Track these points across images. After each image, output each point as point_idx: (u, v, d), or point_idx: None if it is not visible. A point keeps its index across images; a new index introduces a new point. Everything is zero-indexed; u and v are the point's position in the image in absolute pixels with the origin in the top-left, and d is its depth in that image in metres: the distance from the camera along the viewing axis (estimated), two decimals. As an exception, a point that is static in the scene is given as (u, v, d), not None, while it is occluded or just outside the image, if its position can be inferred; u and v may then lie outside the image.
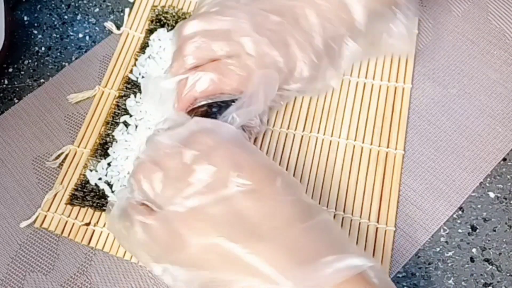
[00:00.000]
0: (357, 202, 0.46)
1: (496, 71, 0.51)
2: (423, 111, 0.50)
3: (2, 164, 0.51)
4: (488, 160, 0.47)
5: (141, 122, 0.50)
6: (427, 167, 0.48)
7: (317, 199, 0.46)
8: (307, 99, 0.51)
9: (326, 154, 0.48)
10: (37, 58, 0.57)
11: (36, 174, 0.51)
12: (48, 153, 0.52)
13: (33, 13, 0.60)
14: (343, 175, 0.47)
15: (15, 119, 0.53)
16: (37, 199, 0.49)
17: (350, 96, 0.51)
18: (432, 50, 0.53)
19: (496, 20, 0.53)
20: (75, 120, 0.53)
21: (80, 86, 0.54)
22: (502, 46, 0.52)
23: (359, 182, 0.47)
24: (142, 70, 0.53)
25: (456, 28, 0.53)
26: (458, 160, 0.48)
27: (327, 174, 0.48)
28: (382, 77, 0.51)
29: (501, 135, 0.48)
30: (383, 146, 0.48)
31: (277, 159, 0.49)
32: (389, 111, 0.50)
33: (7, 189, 0.50)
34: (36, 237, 0.48)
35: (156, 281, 0.45)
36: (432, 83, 0.51)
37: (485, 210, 0.46)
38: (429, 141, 0.49)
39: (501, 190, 0.47)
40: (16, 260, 0.47)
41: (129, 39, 0.56)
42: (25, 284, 0.46)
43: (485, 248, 0.45)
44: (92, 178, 0.48)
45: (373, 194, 0.46)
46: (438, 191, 0.47)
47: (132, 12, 0.58)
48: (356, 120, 0.50)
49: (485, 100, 0.50)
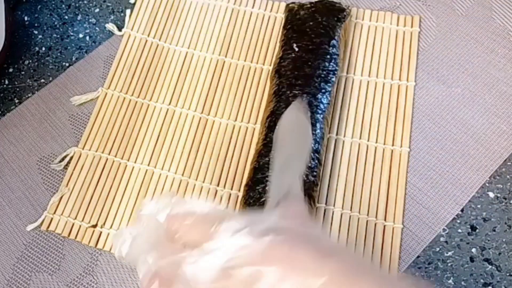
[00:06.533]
0: (364, 200, 0.48)
1: (500, 70, 0.53)
2: (428, 110, 0.52)
3: (7, 164, 0.53)
4: (493, 159, 0.50)
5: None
6: (432, 166, 0.50)
7: (324, 197, 0.49)
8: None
9: (331, 152, 0.51)
10: (38, 58, 0.59)
11: (41, 174, 0.53)
12: (53, 153, 0.54)
13: (34, 14, 0.62)
14: (349, 174, 0.50)
15: (19, 119, 0.55)
16: (42, 199, 0.51)
17: (354, 94, 0.53)
18: (435, 49, 0.55)
19: (500, 18, 0.56)
20: (80, 120, 0.55)
21: (84, 87, 0.57)
22: (506, 45, 0.54)
23: (365, 180, 0.49)
24: None
25: (460, 27, 0.56)
26: (463, 159, 0.50)
27: (333, 173, 0.50)
28: (385, 75, 0.54)
29: (506, 133, 0.51)
30: (388, 144, 0.51)
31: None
32: (393, 109, 0.52)
33: (12, 189, 0.52)
34: (42, 238, 0.50)
35: (162, 281, 0.47)
36: (436, 82, 0.53)
37: (484, 210, 0.48)
38: (434, 140, 0.51)
39: (500, 190, 0.49)
40: (22, 260, 0.49)
41: (130, 40, 0.59)
42: (31, 284, 0.48)
43: (485, 248, 0.47)
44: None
45: (379, 192, 0.49)
46: (443, 190, 0.49)
47: (133, 13, 0.60)
48: (360, 118, 0.52)
49: (489, 99, 0.52)
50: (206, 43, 0.58)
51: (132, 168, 0.52)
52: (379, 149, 0.51)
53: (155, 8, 0.60)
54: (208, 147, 0.52)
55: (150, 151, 0.53)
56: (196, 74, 0.56)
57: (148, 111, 0.55)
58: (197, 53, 0.57)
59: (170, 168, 0.52)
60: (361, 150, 0.51)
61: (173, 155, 0.52)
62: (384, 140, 0.51)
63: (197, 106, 0.54)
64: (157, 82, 0.56)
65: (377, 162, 0.50)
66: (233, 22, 0.59)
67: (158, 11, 0.60)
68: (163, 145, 0.53)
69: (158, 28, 0.59)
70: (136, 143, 0.53)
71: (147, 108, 0.55)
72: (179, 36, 0.59)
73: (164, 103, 0.55)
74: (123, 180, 0.52)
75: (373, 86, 0.54)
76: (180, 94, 0.55)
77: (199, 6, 0.60)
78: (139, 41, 0.58)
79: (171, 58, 0.57)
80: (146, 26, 0.59)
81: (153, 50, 0.58)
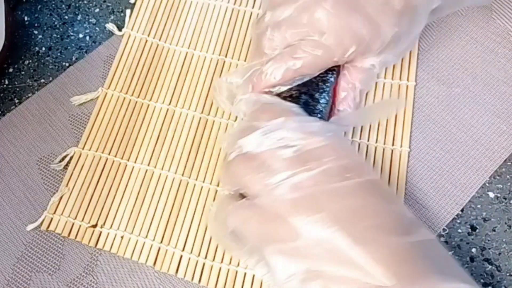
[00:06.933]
0: (363, 200, 0.49)
1: (500, 70, 0.54)
2: (428, 110, 0.52)
3: (7, 164, 0.54)
4: (493, 159, 0.50)
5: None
6: (432, 166, 0.50)
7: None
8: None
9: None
10: (38, 58, 0.60)
11: (41, 174, 0.53)
12: (53, 153, 0.54)
13: (34, 13, 0.62)
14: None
15: (19, 119, 0.56)
16: (42, 199, 0.52)
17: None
18: (436, 49, 0.55)
19: (500, 18, 0.56)
20: (80, 120, 0.55)
21: (84, 87, 0.57)
22: (507, 45, 0.55)
23: (365, 181, 0.49)
24: None
25: (460, 27, 0.56)
26: (463, 159, 0.50)
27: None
28: (385, 75, 0.54)
29: (506, 133, 0.51)
30: (388, 144, 0.51)
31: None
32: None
33: (12, 189, 0.52)
34: (42, 238, 0.50)
35: (162, 281, 0.48)
36: (436, 82, 0.54)
37: (484, 210, 0.49)
38: (434, 140, 0.51)
39: (500, 190, 0.49)
40: (22, 260, 0.49)
41: (130, 40, 0.59)
42: (31, 284, 0.48)
43: (485, 248, 0.47)
44: None
45: (379, 192, 0.49)
46: (443, 190, 0.49)
47: (133, 13, 0.60)
48: (361, 118, 0.52)
49: (489, 99, 0.52)
50: (206, 43, 0.58)
51: (132, 168, 0.52)
52: (379, 149, 0.51)
53: (155, 8, 0.60)
54: (208, 147, 0.53)
55: (150, 151, 0.53)
56: (196, 74, 0.56)
57: (148, 111, 0.55)
58: (197, 53, 0.58)
59: (170, 168, 0.52)
60: (361, 150, 0.51)
61: (173, 155, 0.53)
62: (384, 140, 0.51)
63: (197, 106, 0.55)
64: (157, 82, 0.56)
65: (377, 162, 0.50)
66: (233, 22, 0.59)
67: (158, 11, 0.60)
68: (163, 145, 0.53)
69: (158, 28, 0.59)
70: (136, 143, 0.53)
71: (147, 108, 0.55)
72: (179, 36, 0.59)
73: (164, 103, 0.55)
74: (123, 180, 0.52)
75: (373, 85, 0.54)
76: (180, 94, 0.56)
77: (199, 6, 0.60)
78: (139, 41, 0.59)
79: (171, 58, 0.58)
80: (146, 26, 0.60)
81: (153, 50, 0.58)
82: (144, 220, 0.50)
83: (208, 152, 0.52)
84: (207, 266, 0.48)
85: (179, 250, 0.48)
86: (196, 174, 0.52)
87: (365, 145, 0.51)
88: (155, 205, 0.51)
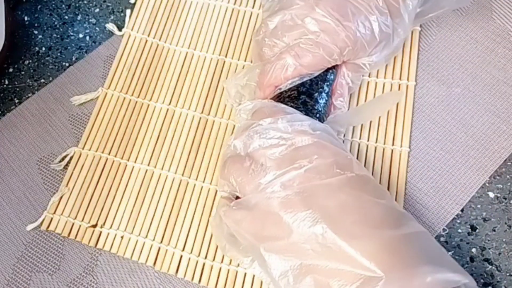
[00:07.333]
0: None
1: (500, 70, 0.54)
2: (428, 110, 0.53)
3: (7, 164, 0.54)
4: (493, 159, 0.50)
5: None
6: (432, 166, 0.50)
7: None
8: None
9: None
10: (38, 58, 0.60)
11: (41, 174, 0.53)
12: (53, 154, 0.54)
13: (34, 13, 0.62)
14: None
15: (19, 119, 0.56)
16: (42, 199, 0.52)
17: (353, 93, 0.53)
18: (436, 49, 0.55)
19: (500, 18, 0.56)
20: (80, 120, 0.55)
21: (84, 87, 0.57)
22: (506, 45, 0.55)
23: (365, 180, 0.50)
24: None
25: (460, 27, 0.56)
26: (463, 159, 0.50)
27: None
28: (385, 74, 0.54)
29: (505, 133, 0.51)
30: (388, 144, 0.51)
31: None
32: (393, 109, 0.52)
33: (12, 190, 0.53)
34: (42, 238, 0.50)
35: (162, 281, 0.48)
36: (436, 82, 0.54)
37: (484, 210, 0.49)
38: (434, 140, 0.51)
39: (500, 190, 0.50)
40: (22, 260, 0.50)
41: (130, 40, 0.59)
42: (31, 284, 0.48)
43: (485, 248, 0.47)
44: None
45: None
46: (443, 190, 0.49)
47: (133, 13, 0.61)
48: (361, 119, 0.52)
49: (489, 99, 0.53)
50: (206, 43, 0.58)
51: (132, 168, 0.53)
52: (379, 149, 0.51)
53: (155, 8, 0.61)
54: (208, 147, 0.53)
55: (150, 151, 0.53)
56: (196, 74, 0.57)
57: (148, 111, 0.55)
58: (197, 53, 0.58)
59: (170, 168, 0.52)
60: (361, 150, 0.51)
61: (173, 155, 0.53)
62: (384, 140, 0.51)
63: (197, 106, 0.55)
64: (157, 82, 0.57)
65: (377, 162, 0.50)
66: (233, 22, 0.59)
67: (158, 11, 0.60)
68: (163, 145, 0.53)
69: (158, 28, 0.60)
70: (136, 143, 0.54)
71: (147, 108, 0.55)
72: (179, 36, 0.59)
73: (164, 103, 0.55)
74: (123, 180, 0.52)
75: (373, 85, 0.54)
76: (180, 94, 0.56)
77: (199, 6, 0.60)
78: (139, 41, 0.59)
79: (171, 58, 0.58)
80: (146, 26, 0.60)
81: (153, 50, 0.58)
82: (144, 220, 0.50)
83: (208, 152, 0.53)
84: (207, 266, 0.48)
85: (179, 250, 0.49)
86: (196, 174, 0.52)
87: (365, 145, 0.51)
88: (155, 205, 0.51)
